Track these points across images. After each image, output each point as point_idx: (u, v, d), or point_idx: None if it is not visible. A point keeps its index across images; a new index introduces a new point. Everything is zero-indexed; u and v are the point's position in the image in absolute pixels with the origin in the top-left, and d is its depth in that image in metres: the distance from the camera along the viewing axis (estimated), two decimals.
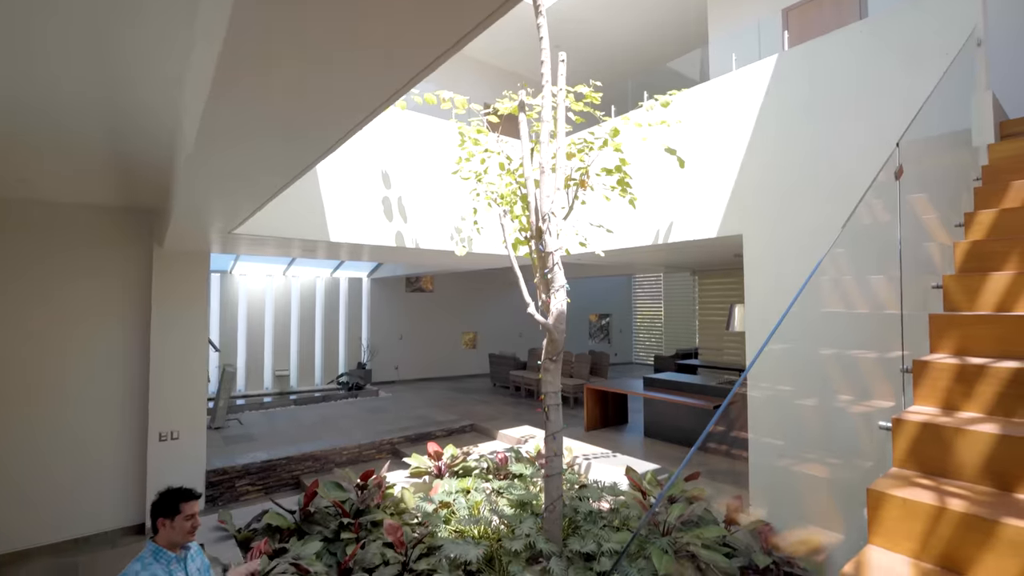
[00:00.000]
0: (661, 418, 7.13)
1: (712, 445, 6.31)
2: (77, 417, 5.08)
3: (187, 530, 2.23)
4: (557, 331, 3.68)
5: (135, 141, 3.39)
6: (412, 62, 1.31)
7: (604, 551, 3.46)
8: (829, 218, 3.82)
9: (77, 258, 5.12)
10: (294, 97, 1.53)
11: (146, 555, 2.16)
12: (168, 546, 2.20)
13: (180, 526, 2.20)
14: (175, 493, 2.26)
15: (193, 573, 2.27)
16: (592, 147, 4.16)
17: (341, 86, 1.47)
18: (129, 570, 2.09)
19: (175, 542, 2.21)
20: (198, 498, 2.30)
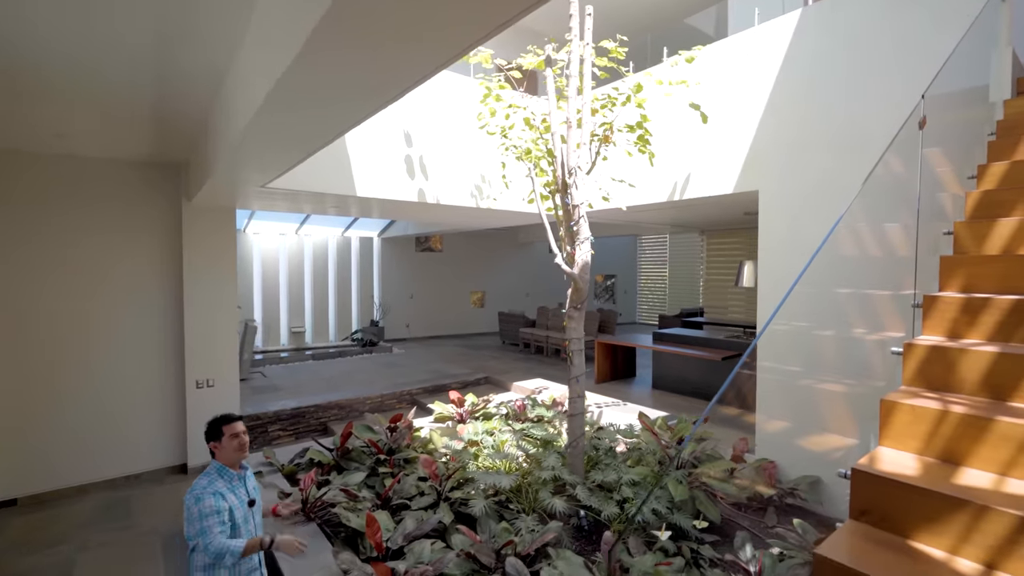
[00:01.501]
0: (668, 370, 7.45)
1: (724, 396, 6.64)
2: (122, 364, 5.37)
3: (235, 448, 2.40)
4: (582, 280, 3.88)
5: (177, 96, 3.51)
6: (476, 30, 1.48)
7: (624, 481, 3.79)
8: (844, 173, 3.96)
9: (113, 212, 5.28)
10: (374, 59, 1.67)
11: (212, 471, 2.37)
12: (228, 463, 2.40)
13: (228, 445, 2.38)
14: (216, 420, 2.46)
15: (251, 490, 2.48)
16: (615, 102, 4.25)
17: (417, 53, 1.62)
18: (197, 484, 2.30)
19: (230, 461, 2.40)
20: (238, 420, 2.47)
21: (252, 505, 2.43)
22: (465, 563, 3.00)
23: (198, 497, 2.23)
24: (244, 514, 2.36)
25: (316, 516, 3.49)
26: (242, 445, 2.43)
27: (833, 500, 4.06)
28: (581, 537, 3.57)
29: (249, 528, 2.38)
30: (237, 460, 2.43)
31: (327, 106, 2.20)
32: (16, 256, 4.83)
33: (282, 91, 1.98)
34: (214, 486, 2.29)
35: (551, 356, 10.37)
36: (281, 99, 2.09)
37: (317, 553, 3.05)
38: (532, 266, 15.27)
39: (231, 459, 2.40)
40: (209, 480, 2.31)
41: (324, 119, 2.39)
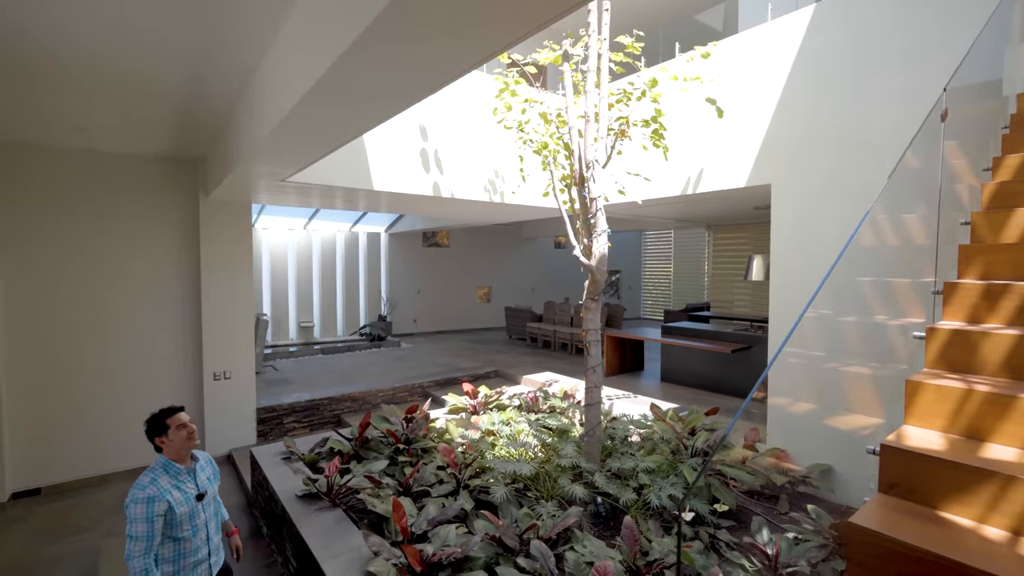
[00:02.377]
0: (677, 363, 7.53)
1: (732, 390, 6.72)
2: (142, 356, 5.46)
3: (184, 438, 2.29)
4: (599, 272, 3.95)
5: (203, 94, 3.58)
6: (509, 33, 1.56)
7: (641, 469, 3.87)
8: (856, 167, 4.02)
9: (132, 207, 5.36)
10: (424, 52, 1.73)
11: (156, 467, 2.26)
12: (176, 458, 2.29)
13: (176, 437, 2.27)
14: (158, 414, 2.34)
15: (203, 482, 2.39)
16: (631, 97, 4.31)
17: (461, 48, 1.69)
18: (139, 483, 2.18)
19: (181, 453, 2.30)
20: (181, 410, 2.37)
21: (201, 499, 2.33)
22: (490, 546, 3.08)
23: (132, 497, 2.15)
24: (190, 510, 2.27)
25: (341, 502, 3.58)
26: (191, 434, 2.33)
27: (845, 488, 4.15)
28: (599, 523, 3.65)
29: (196, 523, 2.30)
30: (187, 451, 2.33)
31: (365, 101, 2.27)
32: (38, 250, 4.92)
33: (323, 87, 2.05)
34: (156, 484, 2.18)
35: (558, 350, 10.45)
36: (320, 95, 2.16)
37: (345, 537, 3.13)
38: (537, 261, 15.35)
39: (180, 451, 2.31)
40: (151, 478, 2.20)
41: (358, 115, 2.45)
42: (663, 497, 3.53)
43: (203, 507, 2.34)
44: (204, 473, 2.42)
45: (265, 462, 4.32)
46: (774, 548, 3.10)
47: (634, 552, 2.99)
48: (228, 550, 2.62)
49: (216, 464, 2.58)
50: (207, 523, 2.36)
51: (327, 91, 2.13)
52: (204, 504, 2.35)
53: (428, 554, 2.83)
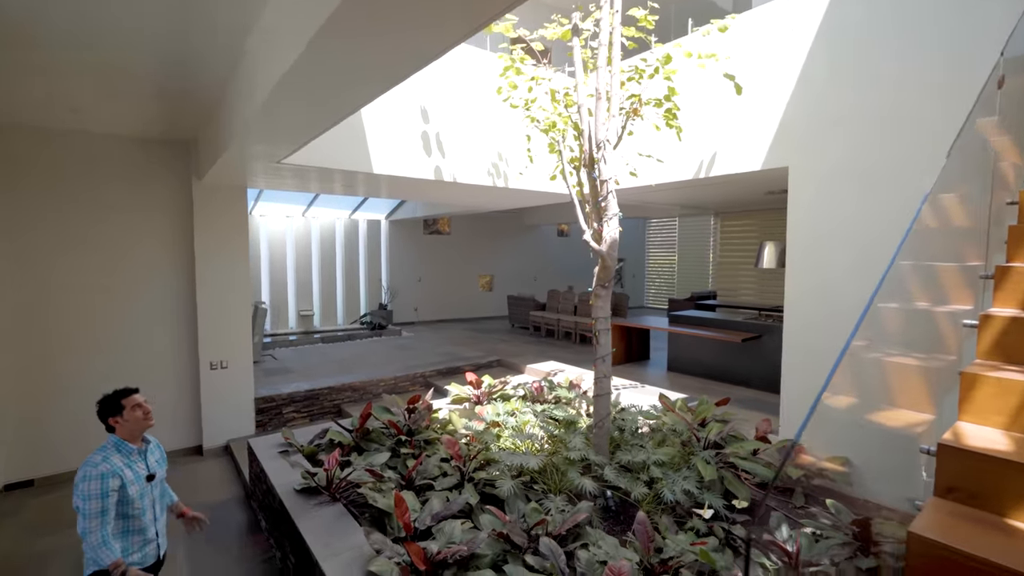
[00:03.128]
0: (684, 353, 7.38)
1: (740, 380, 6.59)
2: (136, 346, 5.31)
3: (141, 417, 2.34)
4: (610, 258, 3.78)
5: (193, 67, 3.37)
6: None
7: (652, 461, 3.73)
8: (881, 146, 3.83)
9: (123, 192, 5.17)
10: (410, 25, 1.55)
11: (108, 446, 2.29)
12: (129, 438, 2.33)
13: (132, 416, 2.32)
14: (113, 394, 2.37)
15: (152, 464, 2.42)
16: (643, 74, 4.10)
17: (446, 16, 1.51)
18: (91, 460, 2.20)
19: (135, 433, 2.34)
20: (136, 391, 2.42)
21: (151, 480, 2.38)
22: (496, 543, 2.94)
23: (84, 475, 2.16)
24: (141, 489, 2.30)
25: (341, 496, 3.44)
26: (147, 414, 2.37)
27: (863, 481, 4.01)
28: (608, 517, 3.52)
29: (146, 503, 2.34)
30: (142, 431, 2.37)
31: (358, 71, 2.08)
32: (28, 236, 4.74)
33: (315, 51, 1.86)
34: (108, 462, 2.21)
35: (562, 339, 10.31)
36: (312, 61, 1.97)
37: (345, 533, 3.00)
38: (540, 249, 15.15)
39: (135, 431, 2.34)
40: (103, 456, 2.23)
41: (351, 86, 2.27)
42: (677, 491, 3.39)
43: (152, 488, 2.40)
44: (153, 456, 2.47)
45: (263, 454, 4.19)
46: (795, 545, 2.97)
47: (648, 549, 2.86)
48: (165, 538, 2.57)
49: (164, 449, 2.62)
50: (155, 504, 2.42)
51: (319, 56, 1.95)
52: (152, 485, 2.41)
53: (432, 552, 2.69)
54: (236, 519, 4.27)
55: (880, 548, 2.87)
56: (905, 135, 3.71)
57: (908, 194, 3.70)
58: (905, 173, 3.71)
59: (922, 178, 3.60)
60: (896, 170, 3.76)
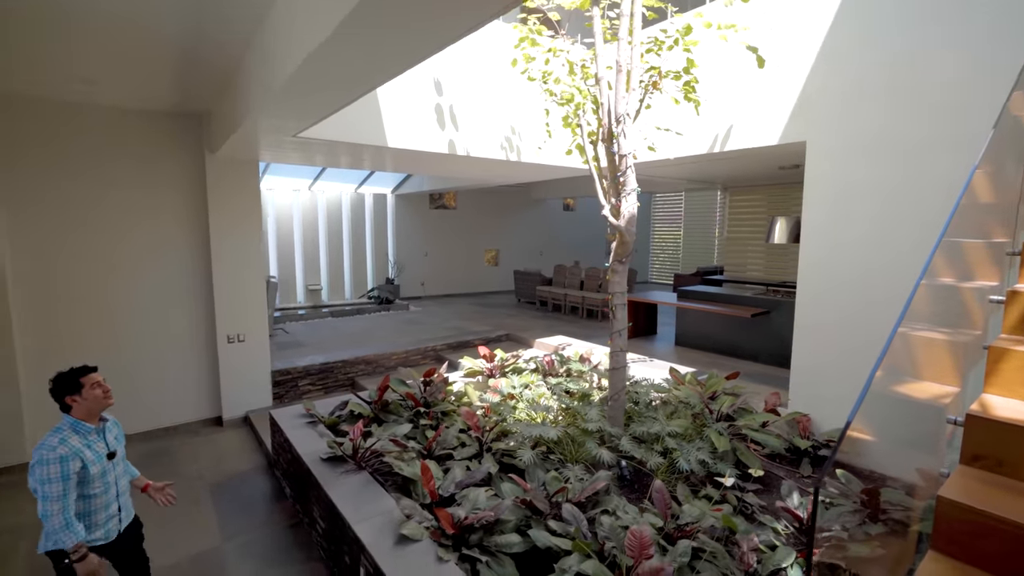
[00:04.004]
0: (692, 328, 7.46)
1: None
2: (155, 320, 5.38)
3: (100, 396, 2.30)
4: (628, 233, 3.80)
5: (212, 31, 3.33)
6: None
7: (667, 433, 3.83)
8: (905, 121, 3.80)
9: (138, 165, 5.16)
10: None
11: (64, 427, 2.23)
12: (86, 417, 2.28)
13: (91, 395, 2.27)
14: (70, 372, 2.30)
15: (111, 441, 2.40)
16: (662, 46, 4.04)
17: None
18: (46, 443, 2.15)
19: (93, 411, 2.29)
20: (95, 369, 2.36)
21: (112, 457, 2.36)
22: (519, 509, 3.06)
23: (42, 459, 2.13)
24: (102, 468, 2.29)
25: (367, 465, 3.56)
26: (107, 392, 2.32)
27: (869, 452, 4.12)
28: (624, 486, 3.64)
29: (108, 480, 2.33)
30: (101, 409, 2.33)
31: (395, 38, 2.06)
32: (42, 212, 4.75)
33: (357, 18, 1.85)
34: (66, 444, 2.17)
35: (569, 314, 10.39)
36: (353, 28, 1.96)
37: (374, 500, 3.12)
38: (546, 224, 15.11)
39: (94, 410, 2.30)
40: (60, 438, 2.18)
41: (387, 55, 2.25)
42: (692, 461, 3.50)
43: (113, 465, 2.39)
44: (111, 433, 2.44)
45: (286, 424, 4.30)
46: (806, 512, 3.08)
47: (666, 515, 2.98)
48: (130, 511, 2.57)
49: (122, 426, 2.59)
50: (117, 480, 2.41)
51: (360, 23, 1.93)
52: (115, 463, 2.39)
53: (460, 517, 2.81)
54: (261, 487, 4.41)
55: (889, 515, 2.99)
56: (934, 110, 3.67)
57: (934, 170, 3.70)
58: (931, 148, 3.70)
59: (952, 153, 3.59)
60: (922, 145, 3.74)
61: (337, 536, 3.10)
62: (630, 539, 2.56)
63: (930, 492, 1.67)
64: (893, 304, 3.94)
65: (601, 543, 2.71)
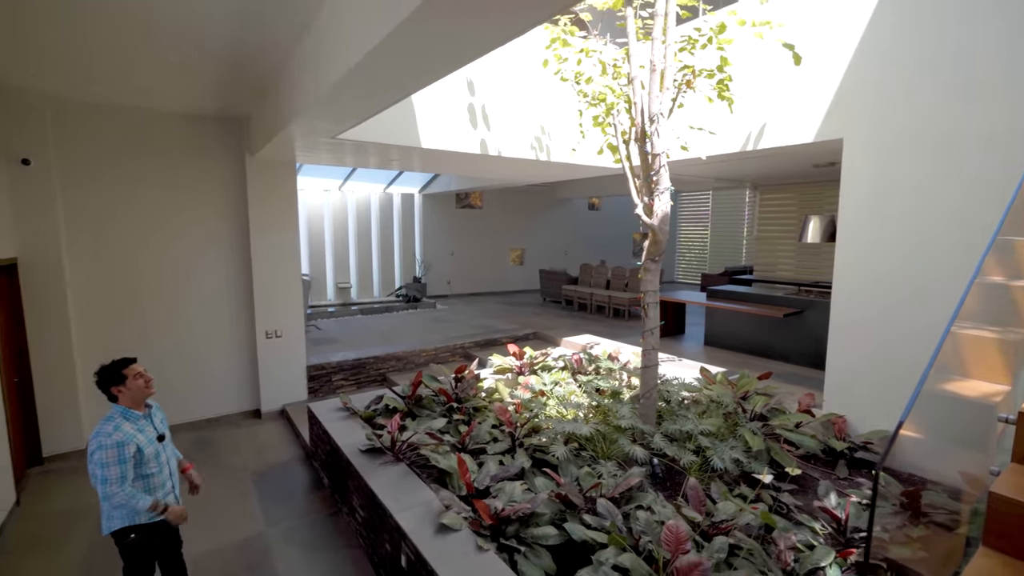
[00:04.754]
0: (722, 327, 7.39)
1: None
2: (200, 315, 5.62)
3: (142, 386, 2.44)
4: (661, 232, 3.82)
5: (254, 46, 3.48)
6: None
7: (700, 431, 3.83)
8: (951, 116, 3.72)
9: (186, 168, 5.40)
10: None
11: (115, 415, 2.39)
12: (133, 405, 2.44)
13: (134, 385, 2.41)
14: (113, 364, 2.45)
15: (158, 425, 2.58)
16: (696, 44, 4.04)
17: None
18: (102, 430, 2.30)
19: (138, 400, 2.45)
20: (135, 361, 2.51)
21: (162, 440, 2.53)
22: (553, 503, 3.11)
23: (99, 445, 2.28)
24: (155, 449, 2.46)
25: (404, 457, 3.66)
26: (148, 382, 2.47)
27: (907, 454, 4.05)
28: (656, 483, 3.66)
29: (161, 460, 2.49)
30: (144, 398, 2.47)
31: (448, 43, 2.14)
32: (99, 209, 5.01)
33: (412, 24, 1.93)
34: (120, 431, 2.33)
35: (595, 313, 10.39)
36: (406, 36, 2.04)
37: (412, 490, 3.21)
38: (571, 223, 15.11)
39: (138, 399, 2.45)
40: (115, 426, 2.34)
41: (446, 51, 2.32)
42: (726, 460, 3.50)
43: (164, 446, 2.56)
44: (156, 418, 2.61)
45: (324, 417, 4.44)
46: (844, 512, 3.06)
47: (700, 512, 2.99)
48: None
49: (165, 414, 2.76)
50: (168, 460, 2.59)
51: (410, 31, 2.01)
52: (164, 444, 2.57)
53: (497, 508, 2.88)
54: (299, 477, 4.57)
55: (931, 518, 2.95)
56: (973, 106, 3.59)
57: (974, 167, 3.61)
58: (971, 146, 3.61)
59: (993, 150, 3.51)
60: (962, 142, 3.66)
61: (377, 524, 3.21)
62: (666, 534, 2.59)
63: (978, 492, 1.67)
64: (932, 303, 3.86)
65: (637, 537, 2.75)
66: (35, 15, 2.98)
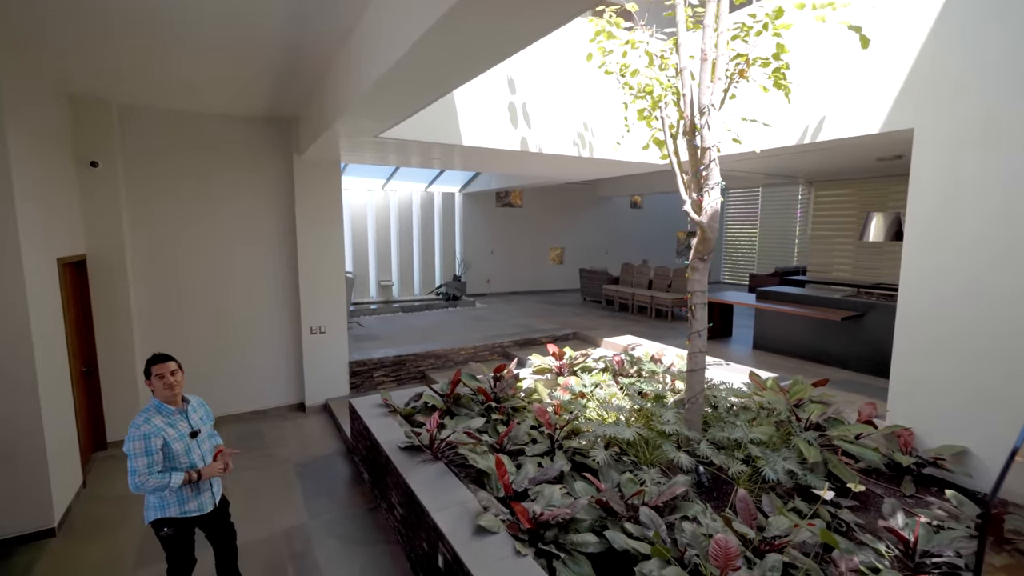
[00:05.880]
0: (772, 331, 7.04)
1: None
2: (249, 311, 5.83)
3: (161, 388, 2.46)
4: (711, 229, 3.64)
5: (302, 47, 3.54)
6: None
7: (751, 439, 3.63)
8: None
9: (238, 167, 5.61)
10: None
11: (150, 408, 2.46)
12: (165, 400, 2.48)
13: (156, 385, 2.46)
14: (149, 359, 2.51)
15: (196, 421, 2.58)
16: (750, 31, 3.82)
17: None
18: (134, 421, 2.39)
19: (164, 398, 2.48)
20: (168, 360, 2.52)
21: (195, 436, 2.53)
22: (594, 509, 3.02)
23: (129, 435, 2.35)
24: (185, 446, 2.47)
25: (442, 456, 3.64)
26: (167, 385, 2.46)
27: (982, 473, 3.71)
28: (702, 492, 3.50)
29: (193, 457, 2.50)
30: (167, 398, 2.49)
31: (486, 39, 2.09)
32: (159, 213, 5.27)
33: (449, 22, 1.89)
34: (150, 423, 2.38)
35: (636, 313, 10.14)
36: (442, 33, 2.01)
37: (450, 489, 3.19)
38: (612, 222, 14.84)
39: (163, 396, 2.47)
40: (145, 418, 2.41)
41: (483, 47, 2.28)
42: (779, 471, 3.30)
43: (198, 443, 2.56)
44: (196, 414, 2.62)
45: (365, 413, 4.49)
46: (913, 534, 2.81)
47: (751, 526, 2.82)
48: (220, 486, 2.75)
49: (208, 407, 2.77)
50: (203, 457, 2.57)
51: (448, 29, 1.98)
52: (199, 441, 2.56)
53: (536, 512, 2.81)
54: (341, 471, 4.65)
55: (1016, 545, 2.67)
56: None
57: None
58: None
59: None
60: None
61: (415, 523, 3.20)
62: (714, 548, 2.45)
63: None
64: (1012, 307, 3.52)
65: (682, 550, 2.62)
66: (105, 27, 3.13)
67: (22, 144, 3.48)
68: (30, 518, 3.56)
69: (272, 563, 3.35)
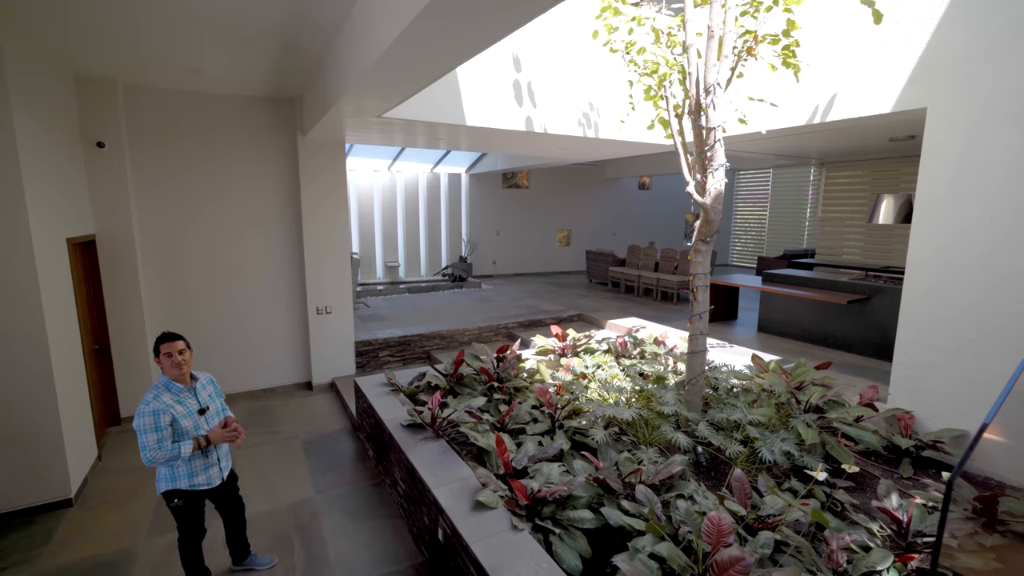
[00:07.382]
0: (777, 313, 7.02)
1: None
2: (257, 290, 5.90)
3: (169, 367, 2.53)
4: (714, 211, 3.61)
5: (304, 26, 3.50)
6: None
7: (749, 421, 3.66)
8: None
9: (243, 148, 5.61)
10: None
11: (159, 385, 2.53)
12: (174, 378, 2.55)
13: (164, 363, 2.53)
14: (158, 338, 2.58)
15: (204, 399, 2.65)
16: (760, 7, 3.73)
17: None
18: (144, 398, 2.46)
19: (172, 376, 2.55)
20: (177, 339, 2.58)
21: (203, 413, 2.61)
22: (591, 487, 3.07)
23: (139, 412, 2.42)
24: (194, 422, 2.55)
25: (444, 434, 3.71)
26: (175, 364, 2.52)
27: (984, 456, 3.72)
28: (699, 472, 3.54)
29: (201, 433, 2.58)
30: (176, 376, 2.55)
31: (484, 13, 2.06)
32: (165, 194, 5.31)
33: None
34: (159, 400, 2.46)
35: (642, 296, 10.13)
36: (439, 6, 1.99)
37: (451, 466, 3.26)
38: (619, 203, 14.71)
39: (171, 374, 2.54)
40: (154, 395, 2.48)
41: (476, 30, 2.26)
42: (776, 452, 3.33)
43: (207, 420, 2.64)
44: (205, 391, 2.70)
45: (369, 391, 4.57)
46: (906, 514, 2.84)
47: (745, 505, 2.86)
48: (229, 460, 2.86)
49: (217, 383, 2.84)
50: None
51: (437, 11, 1.96)
52: (208, 417, 2.64)
53: (534, 489, 2.87)
54: (346, 448, 4.75)
55: (1009, 527, 2.69)
56: None
57: None
58: None
59: None
60: None
61: (416, 498, 3.28)
62: (707, 525, 2.49)
63: None
64: (1018, 290, 3.48)
65: (676, 527, 2.67)
66: (113, 5, 3.12)
67: (28, 123, 3.51)
68: (48, 489, 3.70)
69: (279, 534, 3.47)
